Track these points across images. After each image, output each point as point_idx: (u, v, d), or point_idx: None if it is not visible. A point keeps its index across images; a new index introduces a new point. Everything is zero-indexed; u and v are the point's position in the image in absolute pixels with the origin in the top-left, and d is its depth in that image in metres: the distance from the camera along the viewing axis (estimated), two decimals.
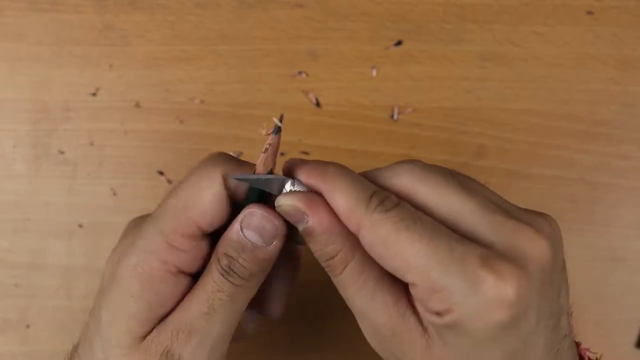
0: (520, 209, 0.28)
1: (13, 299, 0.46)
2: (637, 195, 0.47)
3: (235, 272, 0.29)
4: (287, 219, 0.28)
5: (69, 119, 0.46)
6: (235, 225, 0.29)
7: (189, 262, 0.30)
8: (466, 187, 0.27)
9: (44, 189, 0.46)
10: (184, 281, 0.30)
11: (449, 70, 0.47)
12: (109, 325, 0.30)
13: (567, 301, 0.29)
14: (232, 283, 0.29)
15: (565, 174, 0.47)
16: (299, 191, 0.28)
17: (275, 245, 0.29)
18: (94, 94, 0.46)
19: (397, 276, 0.26)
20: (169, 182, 0.46)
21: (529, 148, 0.47)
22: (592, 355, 0.31)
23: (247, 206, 0.29)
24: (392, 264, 0.26)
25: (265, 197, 0.29)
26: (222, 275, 0.29)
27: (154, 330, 0.29)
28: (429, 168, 0.27)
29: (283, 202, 0.28)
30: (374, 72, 0.47)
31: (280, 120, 0.29)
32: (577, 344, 0.31)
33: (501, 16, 0.47)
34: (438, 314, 0.25)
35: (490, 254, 0.25)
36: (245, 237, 0.29)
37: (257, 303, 0.34)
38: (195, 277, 0.31)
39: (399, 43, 0.47)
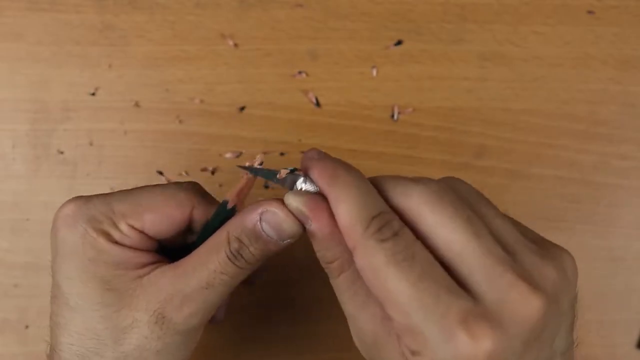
0: (533, 245, 0.27)
1: (12, 299, 0.45)
2: (638, 195, 0.47)
3: (243, 258, 0.29)
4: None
5: (69, 119, 0.46)
6: (254, 215, 0.29)
7: (131, 243, 0.30)
8: (475, 224, 0.26)
9: (44, 189, 0.46)
10: (133, 252, 0.31)
11: (449, 70, 0.47)
12: (79, 294, 0.30)
13: (568, 339, 0.28)
14: (237, 266, 0.29)
15: (565, 174, 0.47)
16: (307, 192, 0.28)
17: (289, 241, 0.29)
18: (93, 94, 0.46)
19: (380, 303, 0.26)
20: (169, 182, 0.46)
21: (529, 148, 0.47)
22: None
23: (268, 202, 0.29)
24: (376, 292, 0.26)
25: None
26: (229, 258, 0.29)
27: (145, 289, 0.30)
28: (441, 194, 0.26)
29: (290, 201, 0.28)
30: (374, 72, 0.47)
31: (260, 164, 0.30)
32: None
33: (501, 16, 0.47)
34: (411, 351, 0.25)
35: (473, 310, 0.24)
36: (262, 230, 0.29)
37: None
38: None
39: (399, 43, 0.47)
